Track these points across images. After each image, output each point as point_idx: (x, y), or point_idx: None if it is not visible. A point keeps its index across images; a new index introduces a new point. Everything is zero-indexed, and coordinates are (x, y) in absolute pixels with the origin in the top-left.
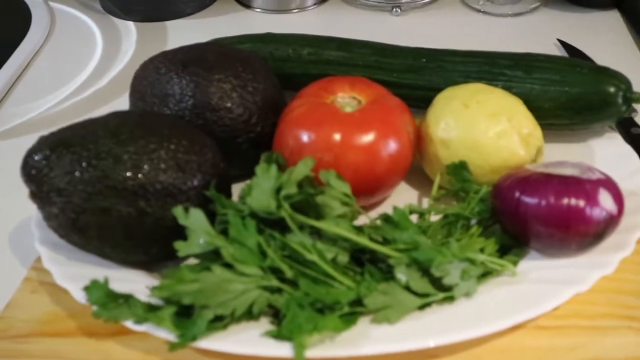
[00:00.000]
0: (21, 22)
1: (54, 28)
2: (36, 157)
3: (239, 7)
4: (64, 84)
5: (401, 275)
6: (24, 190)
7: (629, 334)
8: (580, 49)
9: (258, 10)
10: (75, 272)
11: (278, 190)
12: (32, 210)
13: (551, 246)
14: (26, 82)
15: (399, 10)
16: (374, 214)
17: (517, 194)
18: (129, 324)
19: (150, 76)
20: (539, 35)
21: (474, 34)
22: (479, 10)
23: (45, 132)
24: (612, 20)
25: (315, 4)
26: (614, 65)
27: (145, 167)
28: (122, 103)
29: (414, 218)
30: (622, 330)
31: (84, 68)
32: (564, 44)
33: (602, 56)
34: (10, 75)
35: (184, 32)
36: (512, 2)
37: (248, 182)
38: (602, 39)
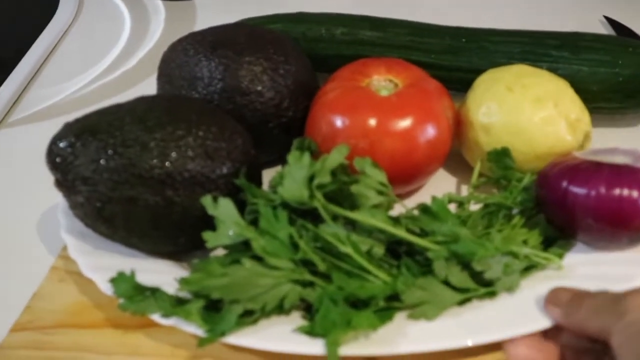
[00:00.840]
0: (49, 2)
1: (81, 8)
2: (61, 145)
3: None
4: (92, 65)
5: (440, 269)
6: (51, 176)
7: None
8: (628, 26)
9: None
10: (102, 263)
11: (311, 179)
12: (59, 197)
13: (601, 239)
14: (54, 64)
15: None
16: (411, 202)
17: (564, 184)
18: (156, 317)
19: (178, 58)
20: (583, 11)
21: (515, 11)
22: None
23: (73, 114)
24: None
25: None
26: None
27: (173, 154)
28: (151, 84)
29: (452, 207)
30: None
31: (112, 49)
32: (610, 21)
33: None
34: (38, 57)
35: (213, 11)
36: None
37: (279, 169)
38: None
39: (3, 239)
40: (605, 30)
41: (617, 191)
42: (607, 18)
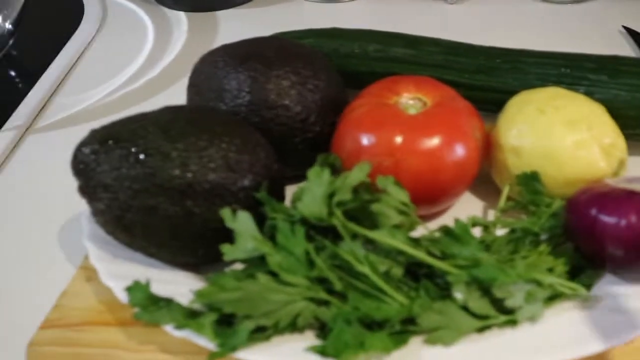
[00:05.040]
0: (74, 13)
1: (105, 19)
2: (85, 151)
3: None
4: (116, 74)
5: (459, 293)
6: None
7: None
8: None
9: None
10: (121, 271)
11: (331, 196)
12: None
13: (631, 270)
14: (79, 73)
15: None
16: (436, 224)
17: (594, 211)
18: (169, 328)
19: (207, 70)
20: (603, 22)
21: (533, 23)
22: None
23: (97, 122)
24: None
25: None
26: None
27: (194, 165)
28: (174, 93)
29: (477, 231)
30: None
31: (136, 58)
32: (630, 32)
33: None
34: (64, 66)
35: (235, 22)
36: None
37: (301, 185)
38: None
39: (31, 242)
40: (624, 40)
41: None
42: (626, 28)
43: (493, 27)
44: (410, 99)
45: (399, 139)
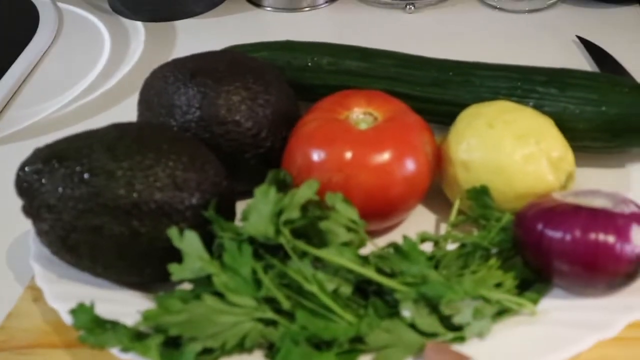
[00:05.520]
0: (29, 22)
1: (61, 29)
2: (28, 170)
3: (249, 6)
4: (71, 85)
5: (407, 311)
6: None
7: None
8: (601, 46)
9: (269, 9)
10: (67, 291)
11: (279, 214)
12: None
13: (577, 284)
14: (33, 84)
15: (412, 7)
16: (387, 238)
17: (540, 226)
18: (115, 351)
19: (158, 85)
20: (557, 32)
21: (490, 32)
22: (494, 7)
23: (52, 135)
24: (634, 16)
25: (326, 2)
26: (636, 62)
27: (140, 184)
28: (130, 105)
29: (429, 246)
30: None
31: (92, 69)
32: (583, 41)
33: (623, 54)
34: (18, 77)
35: (194, 32)
36: None
37: (249, 202)
38: (623, 36)
39: None
40: (578, 49)
41: (592, 236)
42: (579, 38)
43: (451, 35)
44: (361, 113)
45: (349, 155)
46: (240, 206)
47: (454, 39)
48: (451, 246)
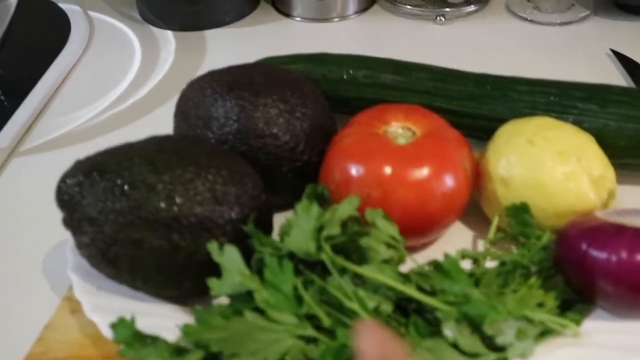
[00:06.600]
0: (61, 31)
1: (92, 37)
2: (69, 183)
3: (279, 15)
4: (102, 95)
5: (449, 330)
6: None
7: None
8: (635, 59)
9: (298, 19)
10: (105, 304)
11: (320, 230)
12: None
13: (621, 306)
14: (65, 93)
15: (443, 19)
16: (425, 254)
17: (584, 246)
18: None
19: (195, 97)
20: (590, 45)
21: (521, 44)
22: (525, 19)
23: (84, 144)
24: None
25: (356, 13)
26: None
27: (180, 198)
28: (161, 114)
29: (467, 262)
30: None
31: (123, 78)
32: (617, 55)
33: None
34: (51, 85)
35: (223, 42)
36: (561, 10)
37: (289, 216)
38: None
39: (13, 271)
40: (612, 62)
41: (638, 257)
42: (613, 51)
43: (482, 48)
44: (399, 128)
45: (388, 170)
46: (276, 219)
47: (485, 51)
48: (489, 263)
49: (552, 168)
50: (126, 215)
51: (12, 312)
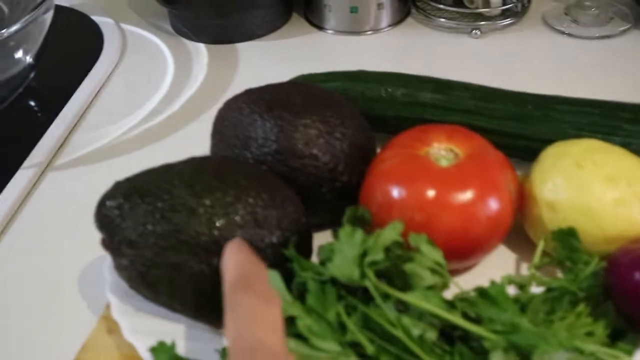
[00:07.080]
0: (93, 44)
1: (125, 50)
2: (109, 204)
3: (311, 28)
4: (136, 108)
5: None
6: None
7: None
8: None
9: (330, 31)
10: (144, 326)
11: (363, 256)
12: None
13: None
14: (99, 107)
15: (478, 32)
16: (467, 278)
17: (637, 275)
18: None
19: (232, 117)
20: (630, 60)
21: (558, 58)
22: (563, 32)
23: (118, 159)
24: None
25: (389, 26)
26: None
27: (221, 222)
28: (196, 128)
29: (511, 288)
30: None
31: (156, 92)
32: None
33: None
34: (84, 99)
35: (256, 55)
36: (600, 24)
37: (330, 241)
38: None
39: (48, 288)
40: None
41: None
42: None
43: (519, 62)
44: (442, 149)
45: (431, 193)
46: (316, 238)
47: (521, 65)
48: (534, 289)
49: (601, 193)
50: (166, 239)
51: (48, 331)
